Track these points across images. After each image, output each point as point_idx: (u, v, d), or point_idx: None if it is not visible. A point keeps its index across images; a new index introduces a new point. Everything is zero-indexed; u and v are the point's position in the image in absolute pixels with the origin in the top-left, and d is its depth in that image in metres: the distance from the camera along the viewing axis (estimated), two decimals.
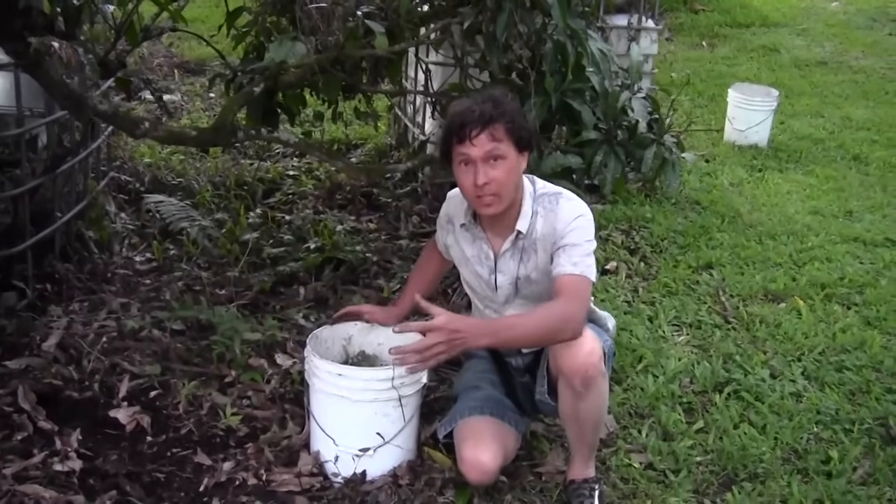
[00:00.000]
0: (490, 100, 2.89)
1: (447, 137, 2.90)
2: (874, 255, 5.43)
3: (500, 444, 2.97)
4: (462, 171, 2.88)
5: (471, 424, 3.01)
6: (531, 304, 3.06)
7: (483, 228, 3.07)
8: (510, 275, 3.04)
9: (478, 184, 2.82)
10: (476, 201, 2.90)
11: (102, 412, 3.33)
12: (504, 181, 2.84)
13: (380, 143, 6.74)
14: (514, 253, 3.02)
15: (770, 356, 4.13)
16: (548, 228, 2.95)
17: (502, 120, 2.83)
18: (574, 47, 3.81)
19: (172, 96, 7.81)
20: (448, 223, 3.20)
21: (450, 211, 3.19)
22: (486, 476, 2.94)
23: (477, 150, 2.81)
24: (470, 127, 2.81)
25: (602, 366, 2.85)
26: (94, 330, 3.81)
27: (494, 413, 3.04)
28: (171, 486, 3.03)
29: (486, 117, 2.81)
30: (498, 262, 3.05)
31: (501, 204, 2.89)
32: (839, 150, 7.74)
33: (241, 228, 4.95)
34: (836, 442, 3.53)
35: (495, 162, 2.82)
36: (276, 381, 3.58)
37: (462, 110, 2.88)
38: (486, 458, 2.91)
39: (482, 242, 3.07)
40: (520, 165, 2.91)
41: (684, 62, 10.45)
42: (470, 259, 3.11)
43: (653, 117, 4.26)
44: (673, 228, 5.52)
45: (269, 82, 3.65)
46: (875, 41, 11.98)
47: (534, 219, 2.98)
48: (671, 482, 3.21)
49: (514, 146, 2.85)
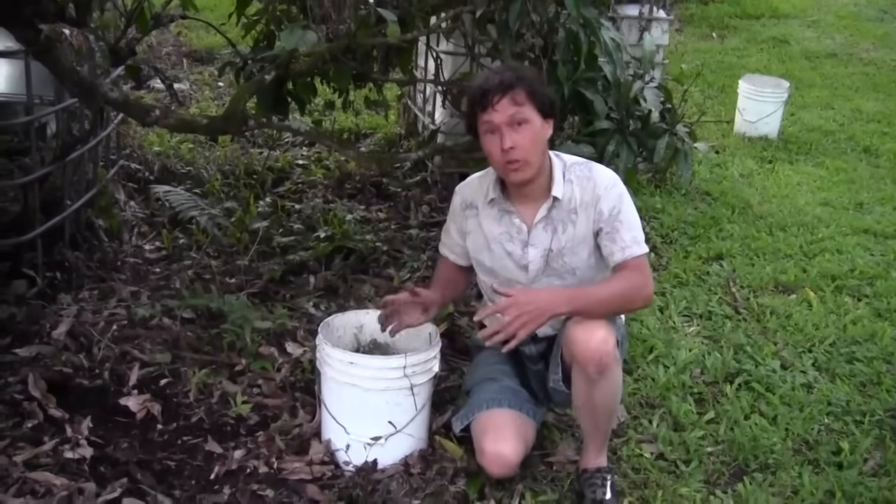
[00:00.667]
0: (509, 69, 2.94)
1: (471, 109, 2.91)
2: (885, 247, 5.41)
3: (521, 436, 2.96)
4: (488, 139, 2.88)
5: (490, 417, 2.99)
6: (558, 281, 3.05)
7: (512, 202, 3.04)
8: (542, 247, 3.01)
9: (504, 148, 2.82)
10: (504, 168, 2.89)
11: (113, 400, 3.33)
12: (529, 145, 2.84)
13: (390, 133, 6.73)
14: (547, 224, 3.00)
15: (781, 347, 4.12)
16: (588, 195, 2.96)
17: (522, 84, 2.84)
18: (587, 36, 3.79)
19: (181, 85, 7.79)
20: (466, 209, 3.14)
21: (467, 196, 3.15)
22: (508, 469, 2.93)
23: (500, 116, 2.82)
24: (491, 93, 2.82)
25: (616, 352, 2.83)
26: (104, 318, 3.81)
27: (513, 405, 3.02)
28: (181, 473, 3.02)
29: (506, 83, 2.83)
30: (530, 235, 3.02)
31: (530, 169, 2.88)
32: (849, 142, 7.73)
33: (250, 217, 4.94)
34: (846, 433, 3.52)
35: (519, 126, 2.83)
36: (287, 370, 3.58)
37: (483, 80, 2.91)
38: (508, 451, 2.90)
39: (513, 216, 3.03)
40: (545, 131, 2.91)
41: (694, 53, 10.43)
42: (498, 237, 3.06)
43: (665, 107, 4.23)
44: (683, 219, 5.52)
45: (280, 71, 3.63)
46: (886, 33, 11.94)
47: (567, 187, 2.97)
48: (682, 472, 3.20)
49: (536, 111, 2.86)
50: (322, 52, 3.55)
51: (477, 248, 3.14)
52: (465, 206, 3.15)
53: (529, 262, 3.03)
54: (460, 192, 3.20)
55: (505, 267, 3.08)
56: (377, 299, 4.12)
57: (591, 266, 3.04)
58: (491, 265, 3.11)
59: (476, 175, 3.16)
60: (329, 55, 3.60)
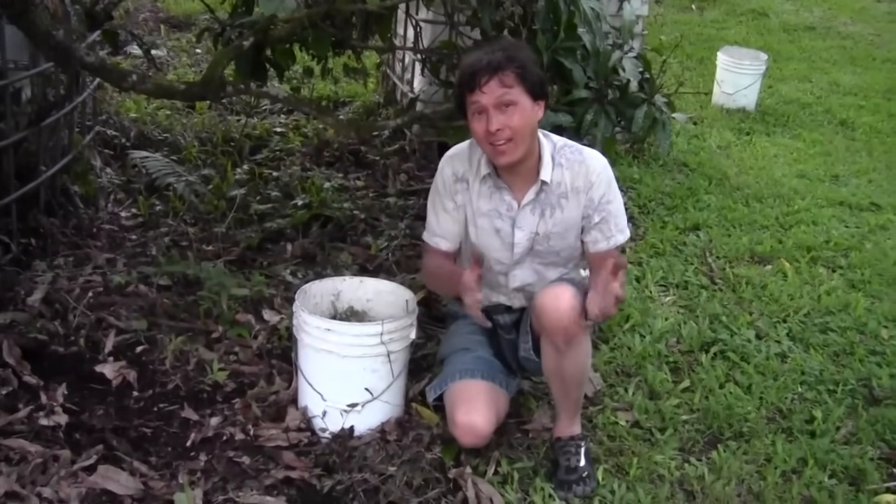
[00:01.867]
0: (500, 48, 2.88)
1: (460, 89, 2.88)
2: (859, 219, 5.46)
3: (493, 407, 2.97)
4: (476, 120, 2.85)
5: (463, 388, 3.00)
6: (541, 264, 3.06)
7: (503, 180, 3.01)
8: (528, 230, 3.01)
9: (490, 130, 2.80)
10: (490, 150, 2.86)
11: (88, 367, 3.32)
12: (517, 128, 2.81)
13: (368, 101, 6.70)
14: (535, 207, 2.99)
15: (756, 317, 4.14)
16: (580, 180, 2.96)
17: (512, 66, 2.80)
18: (566, 5, 3.77)
19: (158, 52, 7.72)
20: (457, 182, 3.06)
21: (459, 169, 3.06)
22: (480, 439, 2.94)
23: (487, 98, 2.79)
24: (480, 75, 2.79)
25: (582, 321, 2.81)
26: (80, 285, 3.79)
27: (486, 376, 3.02)
28: (157, 440, 3.02)
29: (494, 64, 2.79)
30: (518, 217, 3.01)
31: (516, 151, 2.85)
32: (826, 115, 7.77)
33: (227, 184, 4.92)
34: (820, 402, 3.55)
35: (507, 108, 2.80)
36: (264, 337, 3.58)
37: (472, 60, 2.87)
38: (480, 422, 2.91)
39: (504, 192, 3.00)
40: (534, 113, 2.87)
41: (673, 25, 10.43)
42: (488, 213, 3.03)
43: (644, 77, 4.22)
44: (661, 190, 5.53)
45: (259, 37, 3.60)
46: (863, 7, 11.99)
47: (557, 170, 2.97)
48: (657, 440, 3.23)
49: (526, 93, 2.82)
50: (301, 18, 3.52)
51: (467, 221, 3.10)
52: (456, 178, 3.06)
53: (515, 244, 3.03)
54: (451, 162, 3.09)
55: (489, 245, 3.07)
56: (354, 267, 4.13)
57: (576, 249, 3.07)
58: (475, 241, 3.09)
59: (465, 144, 3.09)
60: (308, 21, 3.57)
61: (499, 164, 2.93)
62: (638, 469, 3.04)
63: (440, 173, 3.10)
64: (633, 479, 3.00)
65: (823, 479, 3.08)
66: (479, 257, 2.90)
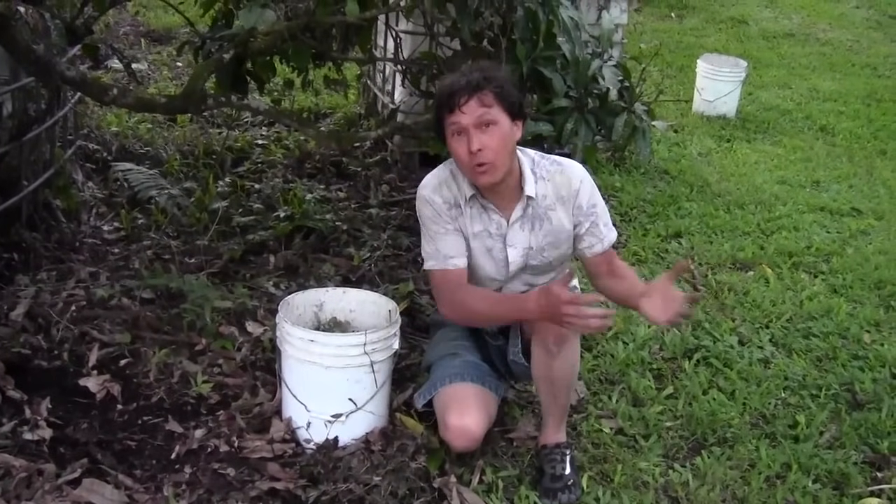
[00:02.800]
0: (478, 69, 2.88)
1: (439, 111, 2.87)
2: (840, 225, 5.49)
3: (484, 410, 2.97)
4: (455, 141, 2.84)
5: (453, 391, 2.99)
6: (532, 274, 3.07)
7: (488, 199, 2.99)
8: (521, 246, 3.01)
9: (472, 150, 2.78)
10: (472, 170, 2.85)
11: (72, 381, 3.31)
12: (497, 148, 2.80)
13: (349, 112, 6.72)
14: (523, 223, 3.00)
15: (738, 323, 4.16)
16: (565, 189, 2.97)
17: (491, 86, 2.80)
18: (545, 14, 3.79)
19: (139, 65, 7.70)
20: (451, 209, 2.99)
21: (447, 197, 2.98)
22: (472, 442, 2.95)
23: (467, 118, 2.79)
24: (459, 95, 2.78)
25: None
26: (63, 299, 3.77)
27: (475, 379, 3.02)
28: (142, 453, 3.01)
29: (473, 84, 2.79)
30: (508, 235, 3.00)
31: (498, 171, 2.84)
32: (806, 121, 7.82)
33: (210, 197, 4.92)
34: (803, 407, 3.57)
35: (487, 128, 2.79)
36: (247, 349, 3.57)
37: (450, 81, 2.87)
38: (472, 425, 2.92)
39: (492, 212, 2.99)
40: (514, 133, 2.87)
41: (653, 33, 10.47)
42: (479, 235, 3.01)
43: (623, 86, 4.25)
44: (642, 197, 5.55)
45: (239, 49, 3.62)
46: (842, 14, 12.06)
47: (540, 184, 2.97)
48: (641, 447, 3.24)
49: (505, 112, 2.82)
50: (281, 30, 3.54)
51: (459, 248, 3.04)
52: (449, 206, 2.99)
53: (510, 262, 3.03)
54: (438, 193, 2.99)
55: (483, 265, 3.06)
56: (337, 278, 4.14)
57: (567, 256, 3.08)
58: (470, 262, 3.05)
59: (442, 171, 3.02)
60: (288, 34, 3.59)
61: (480, 185, 2.92)
62: (622, 476, 3.05)
63: (430, 205, 2.99)
64: (617, 486, 3.01)
65: (807, 484, 3.10)
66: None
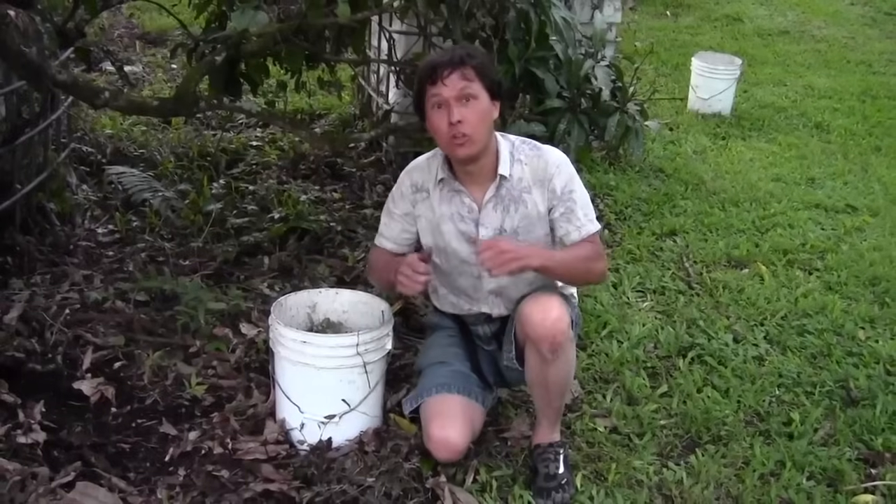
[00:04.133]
0: (459, 48, 2.97)
1: (420, 84, 2.91)
2: (835, 222, 5.49)
3: (468, 422, 2.97)
4: (435, 114, 2.88)
5: (438, 402, 3.00)
6: None
7: (461, 183, 3.03)
8: (493, 227, 3.00)
9: (451, 121, 2.82)
10: (450, 142, 2.88)
11: (66, 384, 3.31)
12: (476, 122, 2.84)
13: (344, 113, 6.71)
14: (497, 203, 2.99)
15: (733, 321, 4.16)
16: (540, 173, 2.97)
17: (472, 62, 2.86)
18: (537, 15, 3.81)
19: (134, 67, 7.72)
20: (417, 192, 3.11)
21: (417, 179, 3.11)
22: (454, 454, 2.95)
23: (449, 90, 2.83)
24: (441, 68, 2.83)
25: (570, 332, 2.87)
26: (57, 302, 3.77)
27: (462, 390, 3.03)
28: (136, 456, 3.02)
29: (456, 60, 2.85)
30: (481, 217, 3.01)
31: (475, 145, 2.88)
32: (801, 119, 7.81)
33: (204, 199, 4.92)
34: (797, 404, 3.57)
35: (468, 102, 2.83)
36: (241, 351, 3.57)
37: (433, 57, 2.95)
38: (455, 437, 2.92)
39: (463, 195, 3.02)
40: (492, 110, 2.91)
41: (648, 31, 10.46)
42: (451, 217, 3.04)
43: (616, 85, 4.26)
44: (637, 196, 5.56)
45: (232, 51, 3.61)
46: (837, 11, 12.06)
47: (517, 166, 2.98)
48: (636, 445, 3.24)
49: (485, 89, 2.87)
50: (273, 32, 3.54)
51: (428, 231, 3.12)
52: (416, 189, 3.11)
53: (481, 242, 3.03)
54: (409, 174, 3.15)
55: (457, 249, 3.07)
56: (331, 279, 4.14)
57: (546, 245, 3.06)
58: (444, 246, 3.09)
59: (424, 157, 3.14)
60: (281, 35, 3.58)
61: (458, 157, 2.94)
62: (616, 475, 3.05)
63: (399, 184, 3.16)
64: (611, 485, 3.01)
65: (801, 481, 3.10)
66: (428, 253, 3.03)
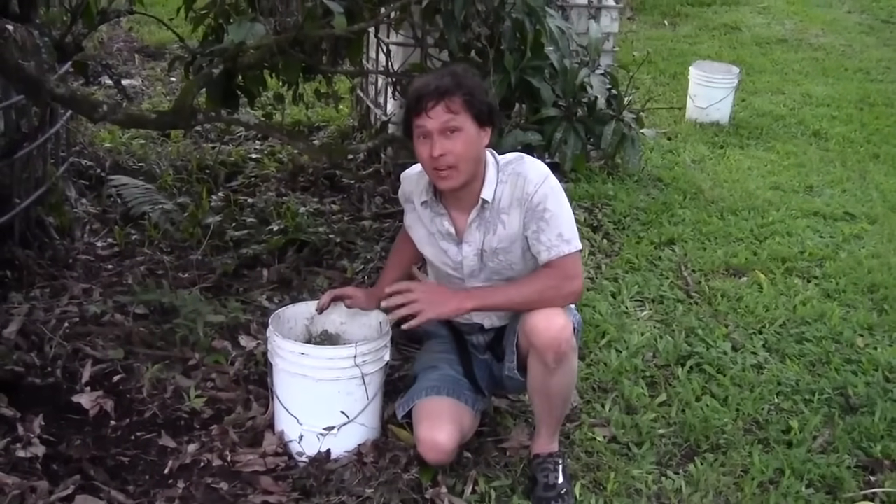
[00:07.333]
0: (449, 74, 2.91)
1: (407, 111, 2.90)
2: (833, 229, 5.49)
3: (457, 424, 2.98)
4: (420, 144, 2.87)
5: (427, 405, 3.02)
6: (499, 280, 3.05)
7: (445, 206, 3.03)
8: (475, 246, 3.00)
9: (433, 155, 2.81)
10: (433, 174, 2.89)
11: (65, 397, 3.32)
12: (461, 153, 2.82)
13: (342, 125, 6.71)
14: (479, 224, 2.99)
15: (732, 329, 4.17)
16: (518, 191, 2.93)
17: (459, 92, 2.82)
18: (532, 24, 3.82)
19: (133, 81, 7.73)
20: (407, 202, 3.17)
21: (407, 190, 3.16)
22: (443, 455, 2.95)
23: (433, 122, 2.81)
24: (426, 99, 2.81)
25: (574, 341, 2.88)
26: (56, 316, 3.78)
27: (451, 393, 3.04)
28: (135, 469, 3.02)
29: (442, 90, 2.81)
30: (464, 235, 3.01)
31: (459, 177, 2.86)
32: (799, 127, 7.81)
33: (203, 212, 4.92)
34: (796, 412, 3.58)
35: (452, 134, 2.82)
36: (240, 363, 3.58)
37: (420, 84, 2.89)
38: (443, 438, 2.92)
39: (443, 219, 3.02)
40: (480, 139, 2.89)
41: (646, 41, 10.46)
42: (433, 235, 3.07)
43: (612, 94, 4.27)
44: (635, 205, 5.56)
45: (229, 64, 3.63)
46: (834, 19, 12.07)
47: (500, 187, 2.96)
48: (634, 455, 3.24)
49: (472, 119, 2.84)
50: (270, 44, 3.54)
51: (417, 240, 3.17)
52: (405, 198, 3.17)
53: (464, 259, 3.04)
54: (403, 183, 3.20)
55: (443, 262, 3.10)
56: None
57: (529, 261, 3.03)
58: (431, 259, 3.14)
59: (416, 171, 3.12)
60: (277, 48, 3.59)
61: (441, 189, 2.96)
62: (615, 484, 3.06)
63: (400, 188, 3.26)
64: (610, 495, 3.02)
65: (801, 489, 3.11)
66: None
